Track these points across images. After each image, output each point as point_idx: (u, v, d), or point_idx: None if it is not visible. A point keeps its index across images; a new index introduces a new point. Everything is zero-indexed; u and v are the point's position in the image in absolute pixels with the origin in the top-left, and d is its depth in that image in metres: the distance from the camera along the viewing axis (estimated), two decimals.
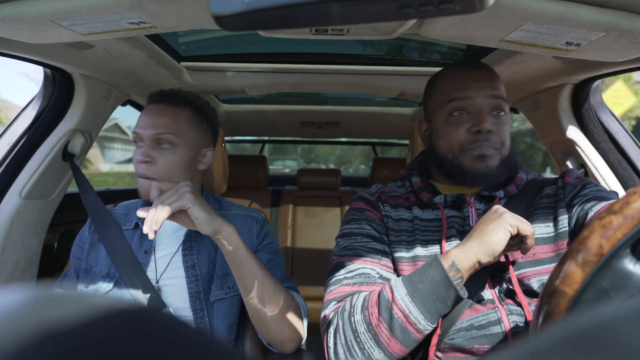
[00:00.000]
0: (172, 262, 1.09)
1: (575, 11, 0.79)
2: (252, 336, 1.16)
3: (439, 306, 0.78)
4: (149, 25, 0.88)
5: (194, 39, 1.56)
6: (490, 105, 0.94)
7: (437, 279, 0.78)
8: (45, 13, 0.81)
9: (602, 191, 0.90)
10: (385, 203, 1.03)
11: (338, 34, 1.03)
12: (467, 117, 0.95)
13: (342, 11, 0.33)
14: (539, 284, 0.85)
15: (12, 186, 1.30)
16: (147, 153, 1.04)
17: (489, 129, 0.92)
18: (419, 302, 0.78)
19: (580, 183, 0.94)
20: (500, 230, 0.77)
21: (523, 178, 1.01)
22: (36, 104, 1.36)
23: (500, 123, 0.95)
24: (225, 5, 0.33)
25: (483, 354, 0.84)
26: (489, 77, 0.96)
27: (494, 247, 0.77)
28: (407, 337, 0.78)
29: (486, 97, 0.94)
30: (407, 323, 0.78)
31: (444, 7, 0.32)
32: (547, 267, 0.87)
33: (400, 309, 0.78)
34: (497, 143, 0.94)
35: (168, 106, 1.10)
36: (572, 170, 1.01)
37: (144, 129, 1.06)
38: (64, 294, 0.18)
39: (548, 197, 0.96)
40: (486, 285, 0.89)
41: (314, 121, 2.63)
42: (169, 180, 1.04)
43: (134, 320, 0.17)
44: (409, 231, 0.98)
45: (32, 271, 1.40)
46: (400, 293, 0.80)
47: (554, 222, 0.92)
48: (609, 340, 0.15)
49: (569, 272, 0.48)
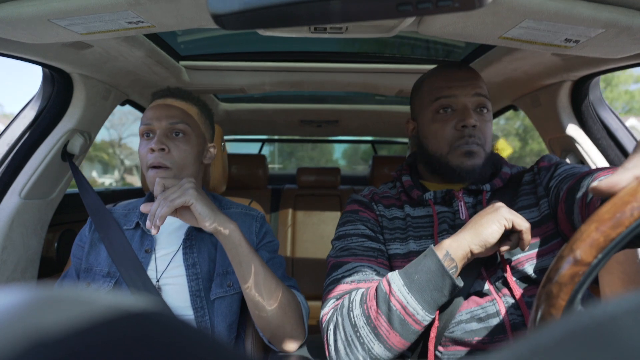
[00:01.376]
0: (173, 261, 1.09)
1: (574, 8, 0.79)
2: (253, 335, 1.17)
3: (436, 295, 0.80)
4: (148, 25, 0.88)
5: (193, 38, 1.56)
6: (474, 103, 1.00)
7: (433, 268, 0.80)
8: (43, 13, 0.81)
9: (575, 167, 0.92)
10: (379, 203, 1.07)
11: (337, 32, 1.03)
12: (453, 114, 1.00)
13: (340, 9, 0.33)
14: (532, 268, 0.87)
15: (12, 186, 1.30)
16: (162, 141, 1.05)
17: (474, 124, 0.97)
18: (416, 293, 0.80)
19: (554, 165, 0.98)
20: (494, 222, 0.79)
21: (507, 172, 1.04)
22: (35, 104, 1.36)
23: (483, 120, 1.00)
24: (223, 4, 0.33)
25: (483, 346, 0.85)
26: (472, 77, 1.01)
27: (487, 239, 0.79)
28: (406, 329, 0.79)
29: (470, 95, 0.99)
30: (405, 314, 0.79)
31: (443, 4, 0.32)
32: (537, 250, 0.89)
33: (398, 301, 0.80)
34: (481, 139, 0.99)
35: (178, 100, 1.13)
36: (548, 156, 1.04)
37: (158, 120, 1.07)
38: (61, 293, 0.18)
39: (528, 184, 1.01)
40: (481, 276, 0.91)
41: (314, 120, 2.63)
42: (181, 170, 1.08)
43: (133, 320, 0.17)
44: (402, 228, 1.01)
45: (32, 271, 1.40)
46: (397, 285, 0.81)
47: (537, 207, 0.95)
48: (610, 337, 0.15)
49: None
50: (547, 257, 0.88)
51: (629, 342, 0.15)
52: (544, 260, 0.88)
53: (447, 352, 0.88)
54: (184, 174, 1.08)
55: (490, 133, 1.02)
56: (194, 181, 0.95)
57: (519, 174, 1.05)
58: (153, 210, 0.88)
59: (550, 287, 0.47)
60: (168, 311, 0.19)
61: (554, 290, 0.46)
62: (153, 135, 1.08)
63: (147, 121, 1.08)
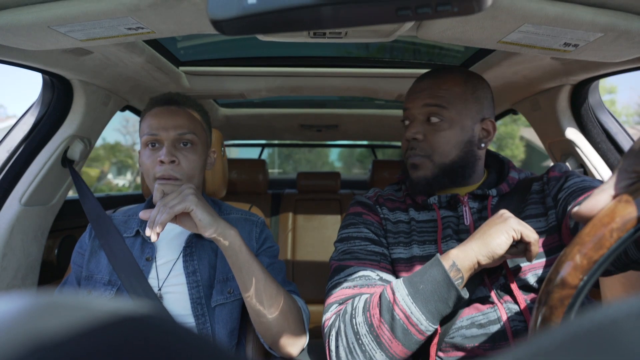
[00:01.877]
0: (174, 269, 1.08)
1: (573, 12, 0.79)
2: (253, 341, 1.16)
3: (440, 307, 0.79)
4: (147, 31, 0.88)
5: (193, 43, 1.56)
6: (424, 114, 0.99)
7: (438, 279, 0.79)
8: (43, 20, 0.81)
9: (586, 181, 0.91)
10: (383, 206, 1.06)
11: (336, 37, 1.03)
12: (409, 126, 1.02)
13: (339, 14, 0.33)
14: (535, 278, 0.87)
15: (12, 193, 1.30)
16: (172, 153, 1.02)
17: (414, 137, 0.99)
18: (421, 303, 0.78)
19: (564, 176, 0.96)
20: (503, 234, 0.78)
21: (515, 177, 1.03)
22: (35, 110, 1.36)
23: (433, 130, 0.98)
24: (223, 10, 0.33)
25: (484, 352, 0.84)
26: (426, 87, 1.01)
27: (495, 250, 0.77)
28: (409, 339, 0.78)
29: (419, 106, 1.00)
30: (408, 324, 0.78)
31: (442, 9, 0.32)
32: (541, 261, 0.88)
33: (402, 310, 0.78)
34: (426, 150, 0.99)
35: (181, 108, 1.10)
36: (559, 165, 1.03)
37: (165, 130, 1.04)
38: (62, 299, 0.18)
39: (537, 193, 0.99)
40: (484, 282, 0.90)
41: (313, 124, 2.64)
42: (189, 180, 1.05)
43: (133, 325, 0.17)
44: (406, 232, 1.00)
45: (32, 278, 1.39)
46: (402, 294, 0.80)
47: (545, 217, 0.93)
48: (611, 341, 0.15)
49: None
50: (550, 268, 0.87)
51: (630, 347, 0.15)
52: (547, 271, 0.86)
53: (447, 358, 0.87)
54: (192, 183, 1.03)
55: (441, 142, 0.98)
56: (193, 187, 0.94)
57: (527, 180, 1.03)
58: (152, 216, 0.88)
59: (543, 310, 0.47)
60: (168, 316, 0.19)
61: (547, 313, 0.46)
62: (159, 146, 1.05)
63: (153, 131, 1.04)
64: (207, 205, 0.93)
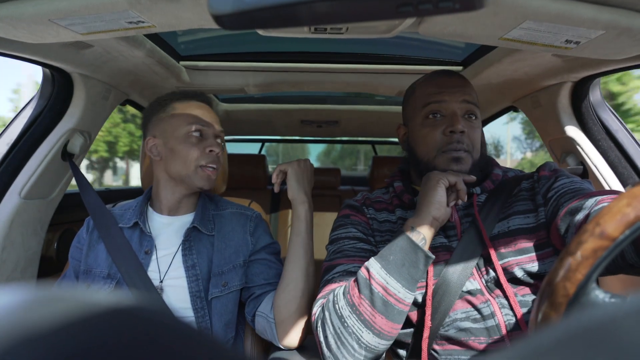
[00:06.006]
0: (173, 262, 1.09)
1: (574, 9, 0.79)
2: (252, 334, 1.17)
3: (412, 271, 0.85)
4: (148, 25, 0.88)
5: (193, 38, 1.56)
6: (463, 110, 1.01)
7: (404, 245, 0.86)
8: (44, 13, 0.81)
9: (575, 182, 0.94)
10: (370, 207, 1.10)
11: (337, 32, 1.03)
12: (442, 119, 1.01)
13: (340, 10, 0.33)
14: (522, 272, 0.89)
15: (12, 186, 1.30)
16: (217, 144, 1.15)
17: (462, 130, 0.98)
18: (394, 272, 0.84)
19: (554, 175, 0.99)
20: (438, 186, 0.90)
21: (499, 174, 1.06)
22: (35, 103, 1.36)
23: (471, 126, 1.01)
24: (224, 4, 0.33)
25: (479, 346, 0.86)
26: (461, 84, 1.03)
27: (439, 200, 0.89)
28: (390, 310, 0.82)
29: (459, 101, 1.01)
30: (387, 295, 0.83)
31: (444, 5, 0.32)
32: (529, 255, 0.91)
33: (379, 283, 0.83)
34: (469, 145, 1.00)
35: (209, 106, 1.22)
36: (549, 164, 1.05)
37: (214, 125, 1.17)
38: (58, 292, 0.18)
39: (526, 191, 1.02)
40: (473, 275, 0.92)
41: (314, 120, 2.63)
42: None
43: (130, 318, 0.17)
44: (393, 231, 1.03)
45: (32, 271, 1.40)
46: (375, 268, 0.85)
47: (534, 214, 0.96)
48: (611, 339, 0.15)
49: (545, 314, 0.49)
50: (537, 263, 0.90)
51: (630, 344, 0.15)
52: (534, 265, 0.89)
53: (443, 351, 0.89)
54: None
55: (478, 140, 1.02)
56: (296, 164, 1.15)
57: (517, 177, 1.05)
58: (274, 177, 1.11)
59: (569, 260, 0.46)
60: (165, 310, 0.19)
61: (573, 264, 0.46)
62: (204, 137, 1.14)
63: (201, 122, 1.14)
64: (301, 178, 1.11)
